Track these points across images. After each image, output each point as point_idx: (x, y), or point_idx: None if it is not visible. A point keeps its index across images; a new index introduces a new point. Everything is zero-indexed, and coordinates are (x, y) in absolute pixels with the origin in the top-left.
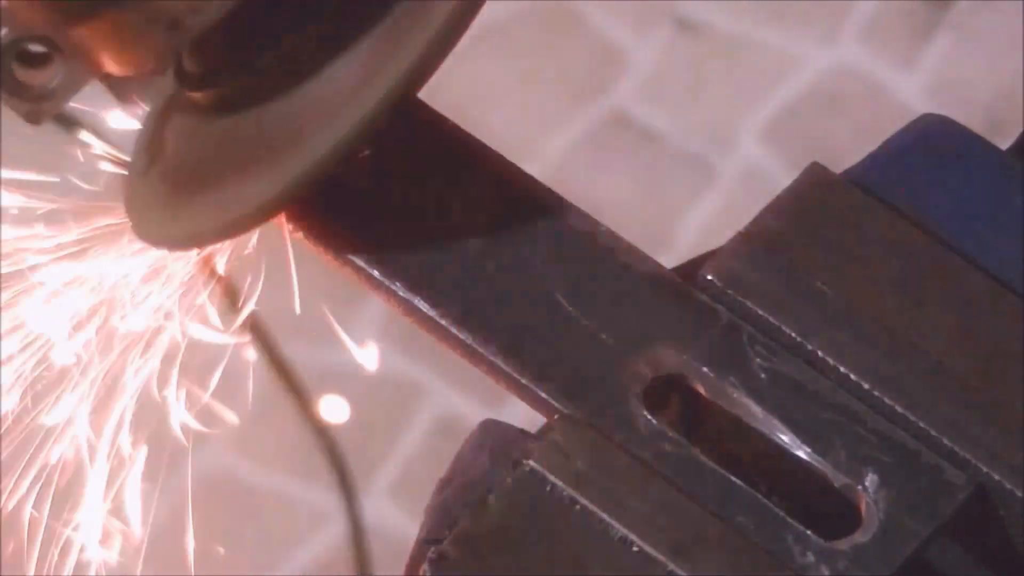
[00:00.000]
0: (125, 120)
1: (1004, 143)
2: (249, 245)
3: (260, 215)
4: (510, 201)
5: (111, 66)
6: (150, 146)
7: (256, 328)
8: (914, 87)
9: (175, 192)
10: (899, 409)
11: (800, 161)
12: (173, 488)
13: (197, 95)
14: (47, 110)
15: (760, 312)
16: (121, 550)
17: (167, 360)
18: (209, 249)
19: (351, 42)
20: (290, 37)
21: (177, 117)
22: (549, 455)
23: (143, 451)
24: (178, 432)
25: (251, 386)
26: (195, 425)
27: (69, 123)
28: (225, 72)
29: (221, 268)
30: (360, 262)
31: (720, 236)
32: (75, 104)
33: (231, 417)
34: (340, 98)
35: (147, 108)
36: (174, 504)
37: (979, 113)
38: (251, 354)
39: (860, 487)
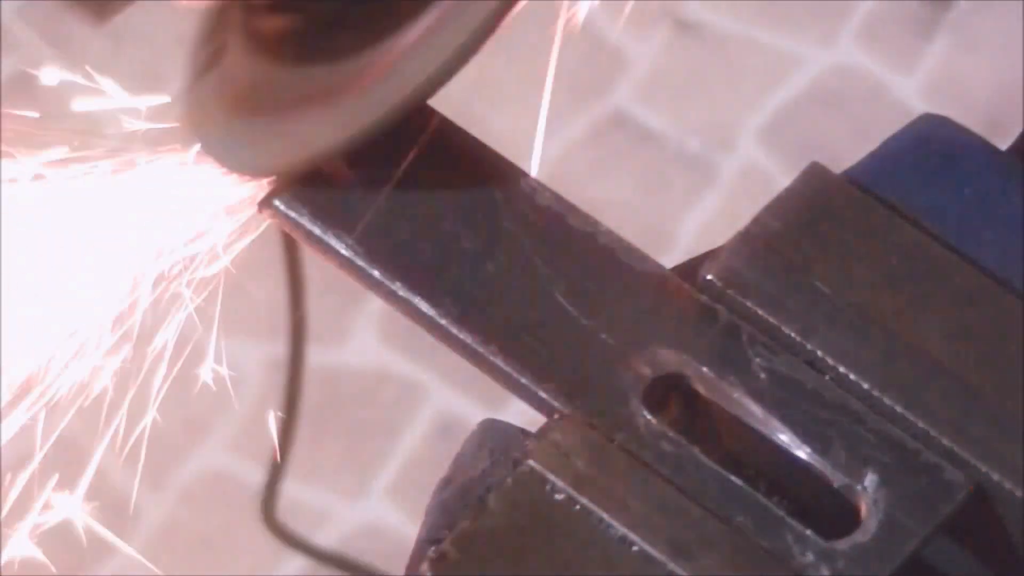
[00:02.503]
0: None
1: (1004, 143)
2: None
3: (332, 151)
4: (510, 201)
5: None
6: (206, 64)
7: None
8: (914, 87)
9: (240, 116)
10: (899, 409)
11: (800, 161)
12: (173, 488)
13: (266, 22)
14: (110, 11)
15: (760, 312)
16: None
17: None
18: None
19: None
20: None
21: (237, 38)
22: (549, 455)
23: None
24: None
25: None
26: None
27: None
28: (296, 4)
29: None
30: (360, 262)
31: (720, 236)
32: None
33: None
34: (405, 51)
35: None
36: (174, 504)
37: (979, 113)
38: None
39: (860, 487)
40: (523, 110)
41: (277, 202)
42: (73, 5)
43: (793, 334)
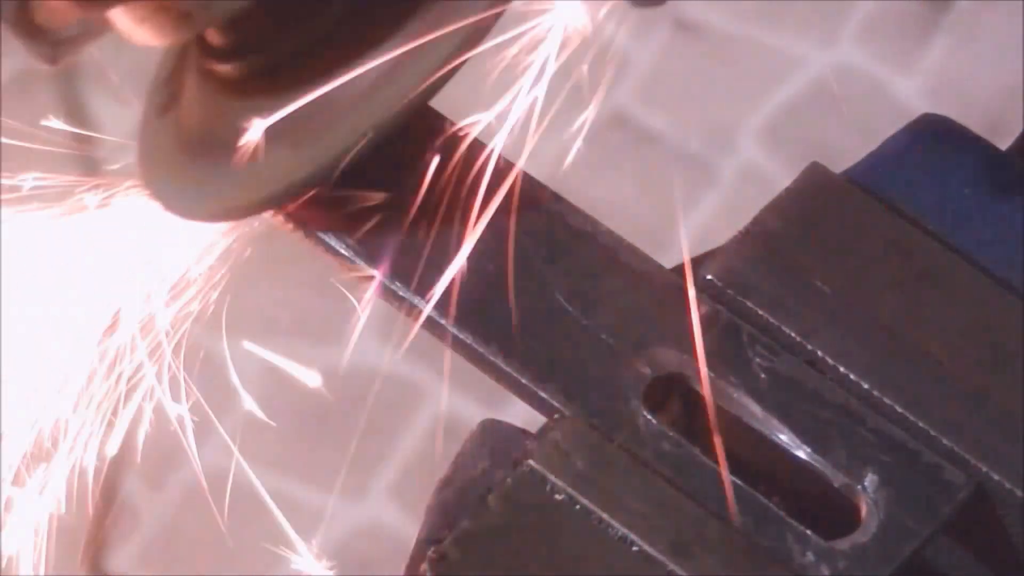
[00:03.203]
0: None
1: (1004, 143)
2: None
3: (290, 194)
4: (510, 201)
5: (133, 36)
6: (163, 105)
7: None
8: (914, 87)
9: (194, 159)
10: (899, 409)
11: (800, 161)
12: (173, 487)
13: (220, 67)
14: (64, 53)
15: (760, 312)
16: None
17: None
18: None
19: (378, 32)
20: (320, 19)
21: (193, 81)
22: (549, 455)
23: None
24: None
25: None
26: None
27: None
28: (251, 49)
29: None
30: (360, 262)
31: (720, 236)
32: None
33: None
34: (362, 90)
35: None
36: (174, 503)
37: (979, 113)
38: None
39: (860, 487)
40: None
41: None
42: (27, 45)
43: (793, 334)
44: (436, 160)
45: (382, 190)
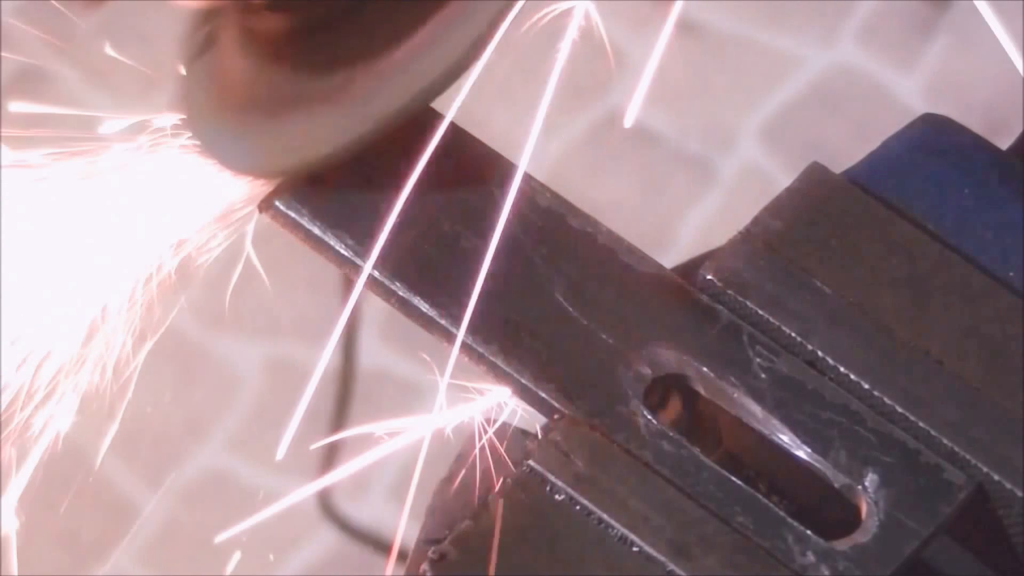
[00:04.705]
0: None
1: (1004, 143)
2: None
3: (330, 160)
4: (510, 201)
5: None
6: (207, 65)
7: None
8: (914, 87)
9: (233, 112)
10: (899, 409)
11: (800, 161)
12: (173, 488)
13: (261, 24)
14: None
15: (760, 312)
16: None
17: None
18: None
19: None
20: None
21: (231, 36)
22: (549, 455)
23: None
24: None
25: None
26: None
27: None
28: (293, 6)
29: None
30: (360, 262)
31: (720, 236)
32: None
33: None
34: (407, 53)
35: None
36: (174, 504)
37: (979, 113)
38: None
39: (860, 487)
40: (523, 110)
41: (278, 202)
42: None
43: (793, 334)
44: (436, 161)
45: (382, 190)
